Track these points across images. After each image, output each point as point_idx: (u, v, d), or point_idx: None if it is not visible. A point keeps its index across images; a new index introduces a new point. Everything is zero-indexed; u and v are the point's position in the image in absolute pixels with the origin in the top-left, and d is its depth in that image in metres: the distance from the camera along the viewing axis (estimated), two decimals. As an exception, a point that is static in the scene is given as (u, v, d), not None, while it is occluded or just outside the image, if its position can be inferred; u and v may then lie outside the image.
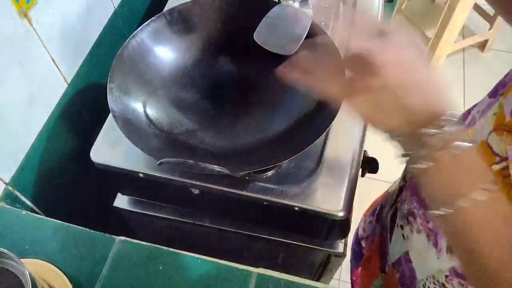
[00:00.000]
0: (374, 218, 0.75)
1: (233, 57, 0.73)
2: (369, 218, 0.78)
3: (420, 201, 0.53)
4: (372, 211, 0.78)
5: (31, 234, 0.59)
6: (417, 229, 0.53)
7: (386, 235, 0.65)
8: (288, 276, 0.56)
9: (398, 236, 0.59)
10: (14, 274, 0.48)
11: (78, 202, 0.80)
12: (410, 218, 0.55)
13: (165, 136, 0.63)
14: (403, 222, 0.58)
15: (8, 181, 0.61)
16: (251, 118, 0.67)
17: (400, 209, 0.59)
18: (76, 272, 0.56)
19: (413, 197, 0.55)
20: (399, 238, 0.59)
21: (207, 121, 0.66)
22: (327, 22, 0.80)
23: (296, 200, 0.60)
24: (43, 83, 0.64)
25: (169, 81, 0.69)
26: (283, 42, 0.66)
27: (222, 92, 0.70)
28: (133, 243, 0.58)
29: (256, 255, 0.81)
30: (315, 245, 0.73)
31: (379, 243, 0.68)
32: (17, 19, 0.56)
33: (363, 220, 0.81)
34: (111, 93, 0.61)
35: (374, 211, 0.76)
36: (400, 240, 0.58)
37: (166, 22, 0.69)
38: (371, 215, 0.77)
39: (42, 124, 0.66)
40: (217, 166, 0.53)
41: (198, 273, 0.56)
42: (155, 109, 0.65)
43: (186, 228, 0.76)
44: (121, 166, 0.63)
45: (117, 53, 0.64)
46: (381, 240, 0.68)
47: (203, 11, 0.72)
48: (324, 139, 0.66)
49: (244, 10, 0.72)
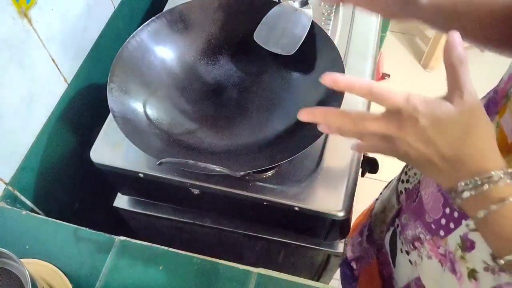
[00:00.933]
0: (364, 239, 0.73)
1: (233, 57, 0.73)
2: (357, 239, 0.76)
3: (426, 226, 0.51)
4: (359, 232, 0.76)
5: (31, 234, 0.59)
6: (427, 255, 0.51)
7: (386, 259, 0.63)
8: (288, 276, 0.56)
9: (403, 261, 0.57)
10: (14, 274, 0.48)
11: (78, 202, 0.80)
12: (416, 243, 0.53)
13: (165, 136, 0.63)
14: (409, 248, 0.55)
15: (8, 181, 0.61)
16: (251, 118, 0.67)
17: (403, 234, 0.57)
18: (76, 272, 0.56)
19: (417, 221, 0.53)
20: (406, 263, 0.57)
21: (207, 121, 0.66)
22: (327, 22, 0.80)
23: (296, 200, 0.60)
24: (43, 83, 0.64)
25: (169, 81, 0.69)
26: (283, 42, 0.66)
27: (222, 92, 0.70)
28: (133, 243, 0.58)
29: (256, 255, 0.81)
30: (315, 245, 0.73)
31: (378, 266, 0.67)
32: (17, 19, 0.56)
33: (349, 243, 0.79)
34: (111, 93, 0.61)
35: (361, 232, 0.75)
36: (407, 265, 0.56)
37: (166, 22, 0.69)
38: (358, 236, 0.76)
39: (42, 124, 0.66)
40: (217, 166, 0.53)
41: (198, 273, 0.56)
42: (155, 109, 0.65)
43: (186, 228, 0.76)
44: (121, 166, 0.63)
45: (117, 53, 0.64)
46: (379, 263, 0.66)
47: (203, 11, 0.72)
48: (324, 139, 0.66)
49: (244, 10, 0.72)
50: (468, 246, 0.43)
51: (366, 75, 0.74)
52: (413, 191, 0.57)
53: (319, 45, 0.67)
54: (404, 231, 0.57)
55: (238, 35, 0.72)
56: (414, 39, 1.95)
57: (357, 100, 0.70)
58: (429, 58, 1.81)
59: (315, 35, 0.67)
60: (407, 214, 0.57)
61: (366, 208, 0.79)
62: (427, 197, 0.51)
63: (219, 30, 0.73)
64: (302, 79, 0.69)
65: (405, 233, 0.56)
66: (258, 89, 0.70)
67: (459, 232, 0.45)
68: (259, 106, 0.68)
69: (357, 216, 0.82)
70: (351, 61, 0.75)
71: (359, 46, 0.78)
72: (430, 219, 0.50)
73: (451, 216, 0.46)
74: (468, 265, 0.44)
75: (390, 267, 0.61)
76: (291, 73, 0.70)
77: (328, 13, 0.81)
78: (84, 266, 0.56)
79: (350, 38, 0.78)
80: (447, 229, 0.47)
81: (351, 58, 0.75)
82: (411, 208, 0.56)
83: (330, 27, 0.79)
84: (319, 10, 0.81)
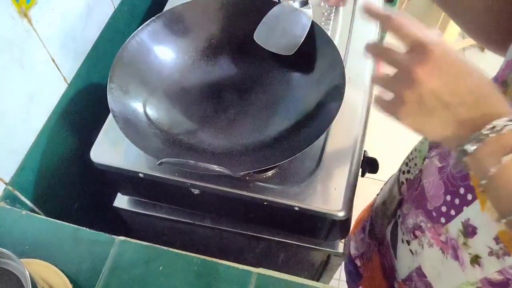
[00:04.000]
0: (365, 235, 0.73)
1: (233, 57, 0.73)
2: (360, 235, 0.76)
3: (427, 214, 0.51)
4: (361, 228, 0.76)
5: (31, 234, 0.59)
6: (429, 243, 0.51)
7: (387, 251, 0.63)
8: (288, 276, 0.56)
9: (404, 251, 0.58)
10: (14, 274, 0.48)
11: (78, 202, 0.80)
12: (417, 232, 0.54)
13: (165, 136, 0.63)
14: (409, 237, 0.56)
15: (8, 181, 0.61)
16: (251, 118, 0.67)
17: (404, 224, 0.57)
18: (76, 272, 0.56)
19: (419, 210, 0.53)
20: (407, 253, 0.57)
21: (207, 121, 0.66)
22: (327, 22, 0.80)
23: (296, 200, 0.60)
24: (43, 83, 0.64)
25: (169, 81, 0.69)
26: (283, 42, 0.66)
27: (222, 92, 0.70)
28: (133, 243, 0.58)
29: (256, 255, 0.81)
30: (315, 245, 0.73)
31: (380, 260, 0.67)
32: (17, 19, 0.56)
33: (352, 239, 0.79)
34: (111, 93, 0.61)
35: (363, 227, 0.75)
36: (408, 255, 0.57)
37: (167, 22, 0.69)
38: (361, 232, 0.76)
39: (42, 124, 0.66)
40: (217, 166, 0.53)
41: (198, 273, 0.56)
42: (155, 109, 0.65)
43: (186, 228, 0.76)
44: (121, 166, 0.63)
45: (117, 53, 0.64)
46: (380, 257, 0.67)
47: (203, 12, 0.72)
48: (324, 139, 0.66)
49: (244, 10, 0.72)
50: (470, 231, 0.44)
51: (366, 75, 0.74)
52: (414, 181, 0.57)
53: (319, 45, 0.67)
54: (405, 220, 0.57)
55: (238, 35, 0.72)
56: (414, 39, 1.96)
57: (357, 102, 0.70)
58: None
59: (315, 35, 0.67)
60: (408, 203, 0.57)
61: (368, 204, 0.79)
62: (428, 185, 0.51)
63: (219, 30, 0.73)
64: (302, 79, 0.69)
65: (406, 222, 0.57)
66: (258, 89, 0.70)
67: (460, 219, 0.45)
68: (259, 106, 0.68)
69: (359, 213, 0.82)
70: (351, 61, 0.75)
71: (359, 46, 0.78)
72: (431, 207, 0.50)
73: (452, 203, 0.46)
74: (470, 251, 0.44)
75: (392, 259, 0.61)
76: (291, 73, 0.70)
77: (328, 13, 0.81)
78: (84, 266, 0.56)
79: (350, 38, 0.78)
80: (448, 216, 0.47)
81: (351, 58, 0.75)
82: (412, 197, 0.56)
83: (330, 27, 0.79)
84: (319, 10, 0.81)
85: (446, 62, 0.35)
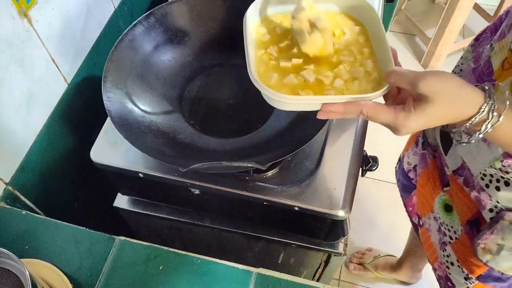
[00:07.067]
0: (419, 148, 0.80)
1: (232, 55, 0.73)
2: (413, 150, 0.82)
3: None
4: (414, 144, 0.82)
5: (31, 234, 0.59)
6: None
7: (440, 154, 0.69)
8: (288, 276, 0.56)
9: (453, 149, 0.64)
10: (14, 274, 0.48)
11: (78, 202, 0.80)
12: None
13: (165, 136, 0.63)
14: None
15: (8, 181, 0.61)
16: (251, 117, 0.67)
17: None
18: (76, 272, 0.56)
19: None
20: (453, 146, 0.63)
21: (207, 121, 0.66)
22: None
23: (296, 200, 0.60)
24: (43, 83, 0.64)
25: (167, 81, 0.69)
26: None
27: (222, 92, 0.70)
28: (133, 243, 0.58)
29: (256, 255, 0.81)
30: (315, 245, 0.73)
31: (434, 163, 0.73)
32: (17, 19, 0.56)
33: (405, 156, 0.86)
34: (106, 93, 0.61)
35: (416, 142, 0.81)
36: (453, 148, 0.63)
37: (160, 21, 0.69)
38: (414, 147, 0.82)
39: (42, 124, 0.66)
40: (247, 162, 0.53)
41: (198, 273, 0.56)
42: (153, 109, 0.65)
43: (186, 228, 0.76)
44: (121, 166, 0.63)
45: (109, 53, 0.64)
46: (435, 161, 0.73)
47: (200, 9, 0.71)
48: (324, 139, 0.66)
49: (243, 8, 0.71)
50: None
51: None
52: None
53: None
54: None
55: (238, 34, 0.72)
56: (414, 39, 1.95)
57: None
58: (429, 58, 1.81)
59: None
60: None
61: None
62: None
63: (218, 28, 0.72)
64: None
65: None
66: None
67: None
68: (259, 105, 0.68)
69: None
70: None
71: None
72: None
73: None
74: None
75: (442, 156, 0.67)
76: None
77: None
78: (84, 266, 0.56)
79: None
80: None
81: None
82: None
83: (330, 27, 0.79)
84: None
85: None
